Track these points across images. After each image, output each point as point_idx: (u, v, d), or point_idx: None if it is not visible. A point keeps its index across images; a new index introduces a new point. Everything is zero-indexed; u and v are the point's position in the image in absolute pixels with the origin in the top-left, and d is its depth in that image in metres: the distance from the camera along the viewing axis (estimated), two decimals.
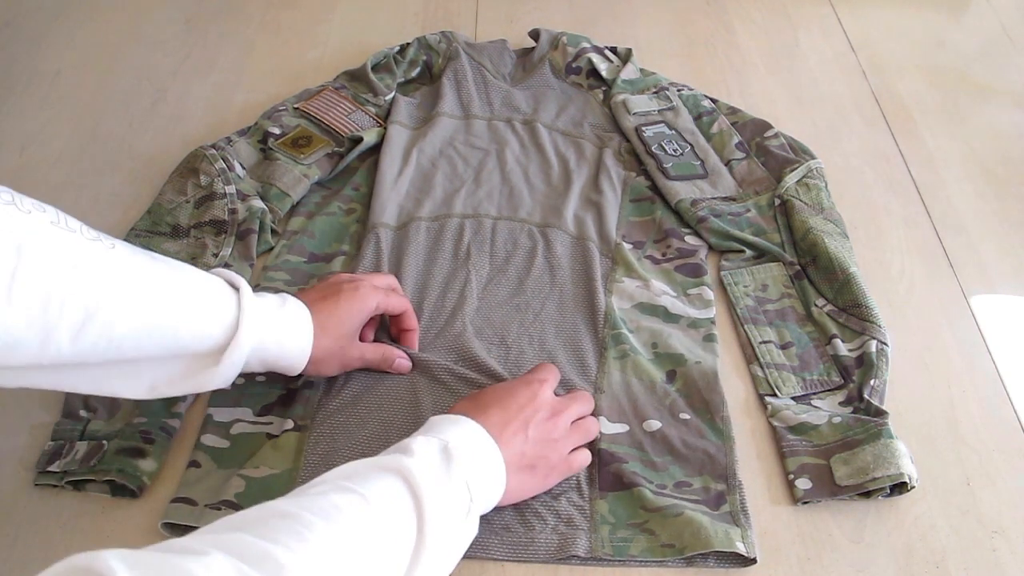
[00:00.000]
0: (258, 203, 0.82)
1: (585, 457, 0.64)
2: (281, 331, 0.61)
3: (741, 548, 0.59)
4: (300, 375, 0.65)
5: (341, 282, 0.67)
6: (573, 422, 0.64)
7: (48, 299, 0.48)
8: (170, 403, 0.67)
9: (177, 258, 0.78)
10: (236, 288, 0.59)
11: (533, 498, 0.62)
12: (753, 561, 0.60)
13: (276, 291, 0.65)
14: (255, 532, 0.40)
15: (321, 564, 0.41)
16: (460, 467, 0.53)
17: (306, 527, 0.42)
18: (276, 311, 0.61)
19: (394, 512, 0.47)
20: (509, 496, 0.59)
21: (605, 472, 0.64)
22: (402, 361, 0.70)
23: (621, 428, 0.67)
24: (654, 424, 0.67)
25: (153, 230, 0.81)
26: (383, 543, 0.46)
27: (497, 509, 0.61)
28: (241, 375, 0.61)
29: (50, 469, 0.63)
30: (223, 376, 0.57)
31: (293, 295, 0.64)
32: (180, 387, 0.57)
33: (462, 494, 0.52)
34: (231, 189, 0.83)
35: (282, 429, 0.66)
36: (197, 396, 0.70)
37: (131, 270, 0.53)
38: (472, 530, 0.54)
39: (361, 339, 0.70)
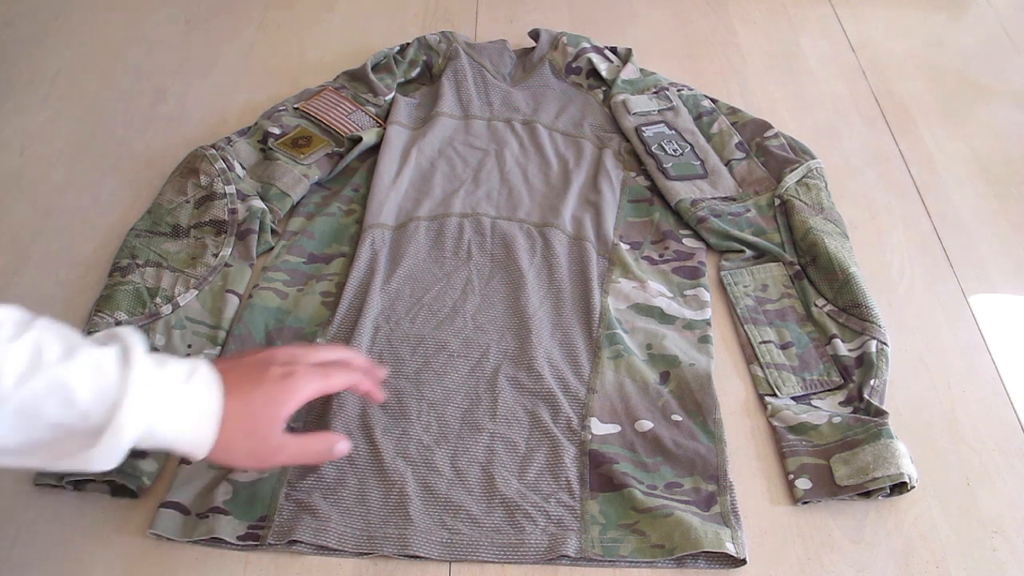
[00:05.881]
0: (258, 203, 0.82)
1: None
2: (178, 414, 0.50)
3: (731, 549, 0.59)
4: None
5: (272, 362, 0.56)
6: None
7: None
8: None
9: (177, 258, 0.79)
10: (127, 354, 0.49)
11: (522, 499, 0.62)
12: (743, 562, 0.60)
13: (207, 356, 0.57)
14: None
15: None
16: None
17: None
18: (178, 387, 0.50)
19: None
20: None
21: (596, 473, 0.64)
22: (341, 447, 0.59)
23: (613, 428, 0.67)
24: (646, 424, 0.67)
25: (153, 230, 0.81)
26: None
27: (487, 511, 0.61)
28: None
29: None
30: (100, 460, 0.47)
31: (210, 362, 0.54)
32: (56, 465, 0.48)
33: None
34: (231, 189, 0.83)
35: None
36: None
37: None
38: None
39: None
